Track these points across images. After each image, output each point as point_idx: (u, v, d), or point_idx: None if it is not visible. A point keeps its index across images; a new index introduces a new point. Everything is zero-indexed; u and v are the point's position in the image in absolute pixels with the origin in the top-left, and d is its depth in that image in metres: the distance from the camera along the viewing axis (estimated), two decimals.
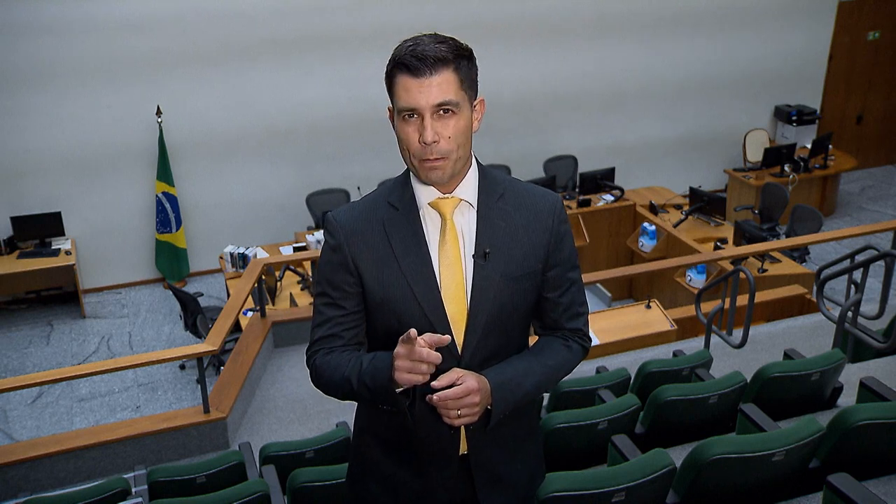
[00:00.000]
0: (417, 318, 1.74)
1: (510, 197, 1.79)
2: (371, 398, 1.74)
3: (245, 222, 8.48)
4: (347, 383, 1.76)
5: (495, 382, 1.72)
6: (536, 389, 1.81)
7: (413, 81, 1.62)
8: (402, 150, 1.70)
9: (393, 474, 1.91)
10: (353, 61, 8.18)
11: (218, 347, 4.82)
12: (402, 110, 1.64)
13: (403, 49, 1.63)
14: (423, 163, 1.67)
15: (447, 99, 1.62)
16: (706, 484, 2.55)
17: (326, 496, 3.10)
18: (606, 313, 6.11)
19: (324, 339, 1.83)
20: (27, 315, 7.87)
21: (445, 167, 1.67)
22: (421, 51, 1.61)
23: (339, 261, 1.77)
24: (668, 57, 9.40)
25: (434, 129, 1.63)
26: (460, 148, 1.68)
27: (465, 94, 1.66)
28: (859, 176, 10.60)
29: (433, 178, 1.69)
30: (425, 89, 1.61)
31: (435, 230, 1.76)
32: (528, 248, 1.78)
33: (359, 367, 1.74)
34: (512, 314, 1.79)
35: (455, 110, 1.64)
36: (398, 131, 1.68)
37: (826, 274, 5.29)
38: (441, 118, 1.64)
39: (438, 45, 1.62)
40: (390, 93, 1.68)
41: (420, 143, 1.64)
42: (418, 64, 1.60)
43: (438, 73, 1.61)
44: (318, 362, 1.82)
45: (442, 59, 1.61)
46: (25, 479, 4.62)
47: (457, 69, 1.64)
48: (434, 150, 1.64)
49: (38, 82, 7.43)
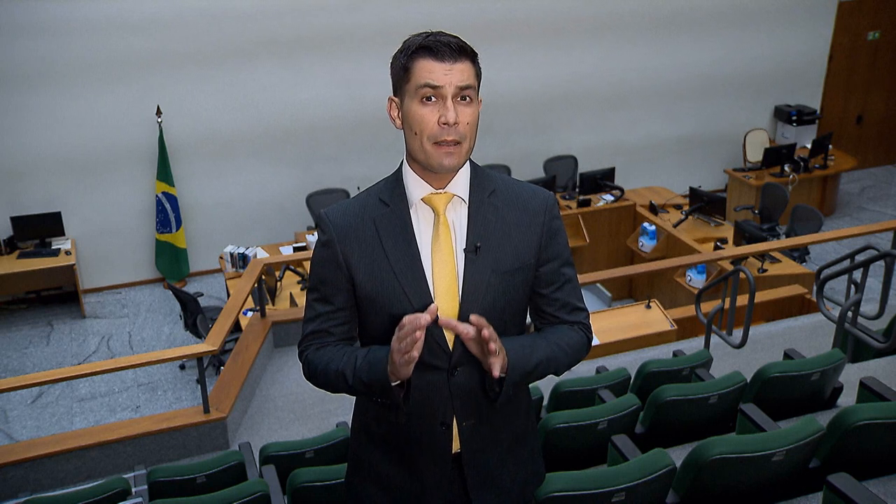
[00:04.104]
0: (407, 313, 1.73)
1: (501, 193, 1.80)
2: (366, 392, 1.76)
3: (245, 222, 8.48)
4: (341, 377, 1.77)
5: (510, 347, 1.72)
6: (546, 363, 1.79)
7: (438, 65, 1.64)
8: (413, 136, 1.69)
9: (388, 474, 1.91)
10: (352, 61, 8.19)
11: (218, 347, 4.83)
12: (423, 88, 1.64)
13: (421, 38, 1.66)
14: (438, 146, 1.67)
15: (469, 83, 1.66)
16: (706, 484, 2.55)
17: (326, 496, 3.10)
18: (606, 313, 6.10)
19: (315, 333, 1.84)
20: (27, 315, 7.88)
21: (461, 153, 1.69)
22: (443, 38, 1.65)
23: (330, 257, 1.78)
24: (668, 57, 9.40)
25: (456, 111, 1.65)
26: (472, 137, 1.70)
27: (477, 85, 1.70)
28: (859, 176, 10.60)
29: (447, 164, 1.68)
30: (449, 72, 1.64)
31: (427, 226, 1.77)
32: (519, 243, 1.79)
33: (353, 361, 1.76)
34: (504, 309, 1.79)
35: (472, 97, 1.68)
36: (413, 114, 1.67)
37: (826, 274, 5.29)
38: (460, 104, 1.66)
39: (457, 38, 1.67)
40: (403, 78, 1.68)
41: (441, 124, 1.65)
42: (444, 49, 1.64)
43: (461, 60, 1.65)
44: (311, 356, 1.84)
45: (463, 48, 1.66)
46: (25, 479, 4.62)
47: (473, 62, 1.69)
48: (453, 132, 1.65)
49: (38, 82, 7.43)
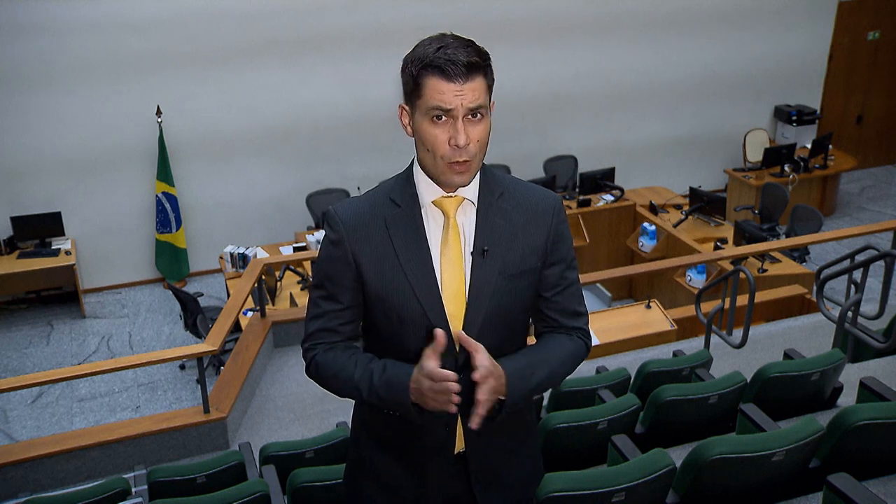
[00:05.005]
0: (416, 315, 1.75)
1: (510, 196, 1.80)
2: (381, 406, 1.78)
3: (245, 222, 8.48)
4: (355, 390, 1.78)
5: (510, 371, 1.72)
6: (548, 380, 1.81)
7: (448, 85, 1.61)
8: (425, 152, 1.69)
9: (389, 472, 1.91)
10: (353, 61, 8.18)
11: (218, 347, 4.83)
12: (434, 110, 1.63)
13: (432, 50, 1.62)
14: (451, 165, 1.67)
15: (480, 103, 1.64)
16: (706, 484, 2.55)
17: (326, 496, 3.10)
18: (606, 313, 6.10)
19: (320, 332, 1.83)
20: (27, 315, 7.87)
21: (472, 170, 1.69)
22: (454, 55, 1.60)
23: (339, 255, 1.77)
24: (668, 57, 9.39)
25: (467, 133, 1.64)
26: (484, 150, 1.70)
27: (489, 98, 1.69)
28: (859, 176, 10.60)
29: (458, 182, 1.70)
30: (460, 94, 1.62)
31: (437, 228, 1.77)
32: (526, 246, 1.79)
33: (370, 376, 1.75)
34: (510, 312, 1.80)
35: (483, 114, 1.66)
36: (424, 132, 1.66)
37: (826, 274, 5.29)
38: (471, 122, 1.65)
39: (468, 50, 1.62)
40: (414, 93, 1.66)
41: (452, 145, 1.65)
42: (454, 69, 1.60)
43: (472, 79, 1.62)
44: (320, 359, 1.83)
45: (475, 64, 1.62)
46: (25, 479, 4.62)
47: (485, 75, 1.66)
48: (464, 153, 1.65)
49: (38, 82, 7.43)
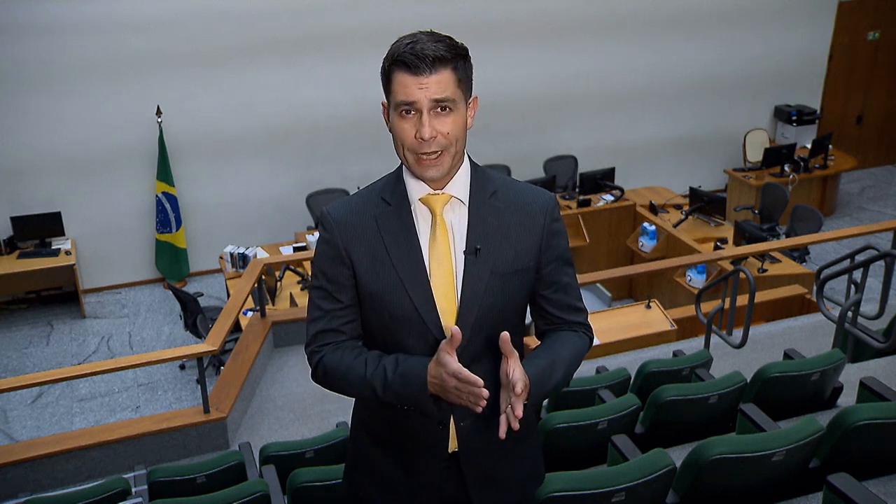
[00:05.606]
0: (408, 311, 1.75)
1: (503, 195, 1.80)
2: (396, 402, 1.76)
3: (245, 222, 8.48)
4: (368, 387, 1.76)
5: (533, 375, 1.70)
6: (564, 380, 1.80)
7: (411, 79, 1.63)
8: (397, 145, 1.71)
9: (385, 471, 1.91)
10: (352, 61, 8.18)
11: (218, 347, 4.83)
12: (400, 105, 1.65)
13: (401, 46, 1.64)
14: (419, 158, 1.68)
15: (445, 96, 1.64)
16: (706, 484, 2.55)
17: (326, 496, 3.10)
18: (606, 313, 6.10)
19: (324, 332, 1.82)
20: (27, 315, 7.87)
21: (442, 163, 1.69)
22: (420, 49, 1.62)
23: (333, 254, 1.78)
24: (668, 57, 9.39)
25: (431, 126, 1.64)
26: (457, 143, 1.69)
27: (461, 92, 1.68)
28: (859, 176, 10.60)
29: (429, 175, 1.70)
30: (424, 86, 1.63)
31: (427, 225, 1.77)
32: (519, 245, 1.79)
33: (383, 372, 1.74)
34: (502, 311, 1.80)
35: (452, 107, 1.66)
36: (394, 126, 1.69)
37: (826, 274, 5.28)
38: (438, 115, 1.65)
39: (437, 44, 1.63)
40: (386, 89, 1.69)
41: (417, 138, 1.66)
42: (417, 62, 1.61)
43: (437, 71, 1.63)
44: (327, 360, 1.81)
45: (441, 58, 1.63)
46: (25, 479, 4.62)
47: (455, 68, 1.66)
48: (432, 145, 1.66)
49: (38, 82, 7.43)
